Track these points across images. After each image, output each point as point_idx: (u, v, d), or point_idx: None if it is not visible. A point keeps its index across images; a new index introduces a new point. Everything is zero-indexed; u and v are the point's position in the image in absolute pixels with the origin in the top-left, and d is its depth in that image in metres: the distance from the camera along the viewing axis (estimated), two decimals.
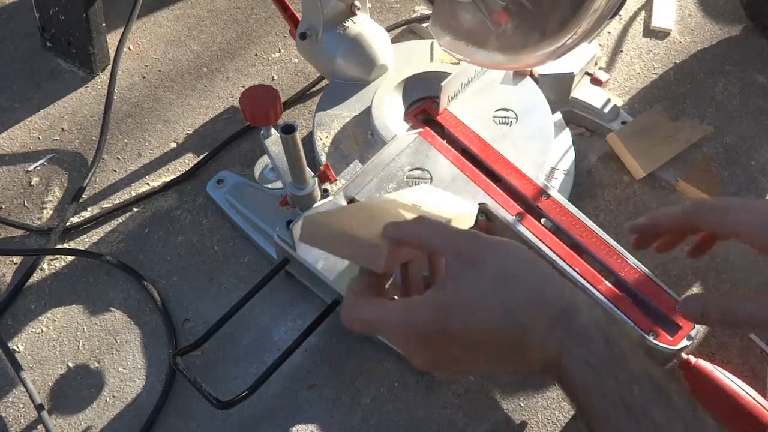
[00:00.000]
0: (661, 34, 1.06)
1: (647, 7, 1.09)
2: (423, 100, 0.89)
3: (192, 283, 0.84)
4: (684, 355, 0.73)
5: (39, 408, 0.74)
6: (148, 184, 0.92)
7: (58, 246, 0.86)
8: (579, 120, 0.95)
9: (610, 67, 1.02)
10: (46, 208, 0.90)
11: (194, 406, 0.75)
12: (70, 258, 0.86)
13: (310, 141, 0.88)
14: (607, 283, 0.74)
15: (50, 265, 0.85)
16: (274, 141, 0.77)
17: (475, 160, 0.83)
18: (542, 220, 0.79)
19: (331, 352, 0.78)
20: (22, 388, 0.76)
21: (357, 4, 0.87)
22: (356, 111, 0.88)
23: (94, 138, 0.96)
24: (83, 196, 0.90)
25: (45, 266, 0.85)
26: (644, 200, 0.89)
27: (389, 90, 0.88)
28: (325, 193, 0.77)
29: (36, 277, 0.84)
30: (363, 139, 0.86)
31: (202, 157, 0.93)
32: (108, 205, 0.90)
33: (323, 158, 0.84)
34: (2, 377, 0.78)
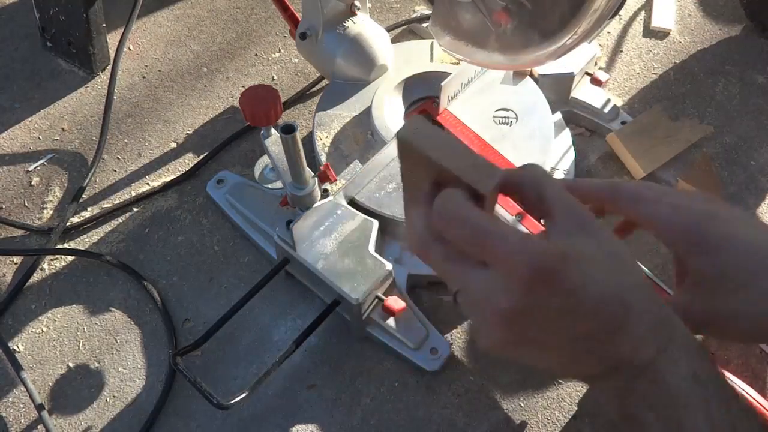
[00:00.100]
0: (661, 34, 1.06)
1: (647, 7, 1.09)
2: (423, 100, 0.89)
3: (192, 283, 0.84)
4: None
5: (39, 408, 0.74)
6: (148, 184, 0.92)
7: (58, 246, 0.86)
8: (579, 120, 0.95)
9: (610, 67, 1.02)
10: (46, 208, 0.90)
11: (194, 406, 0.75)
12: (70, 258, 0.86)
13: (310, 141, 0.88)
14: None
15: (50, 265, 0.85)
16: (274, 141, 0.78)
17: None
18: (542, 220, 0.78)
19: (331, 352, 0.78)
20: (22, 388, 0.76)
21: (357, 4, 0.87)
22: (356, 111, 0.88)
23: (94, 138, 0.96)
24: (83, 196, 0.90)
25: (45, 266, 0.85)
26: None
27: (389, 90, 0.88)
28: (325, 193, 0.77)
29: (36, 277, 0.84)
30: (363, 139, 0.86)
31: (202, 157, 0.93)
32: (108, 205, 0.90)
33: (323, 158, 0.84)
34: (2, 377, 0.78)
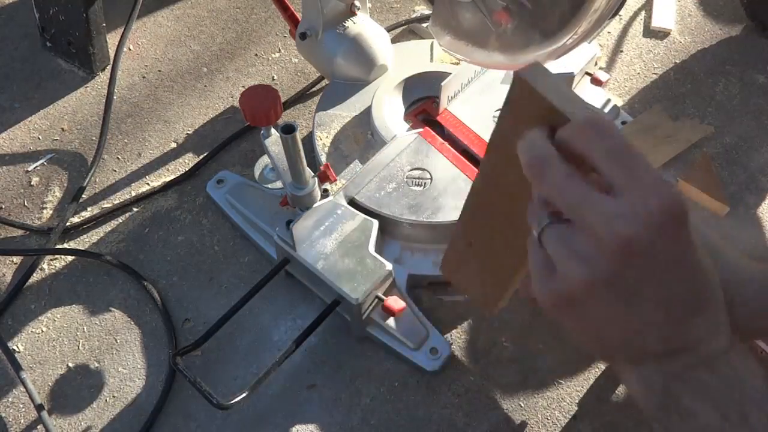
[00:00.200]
0: (661, 34, 1.06)
1: (647, 7, 1.09)
2: (423, 100, 0.89)
3: (192, 283, 0.84)
4: None
5: (39, 408, 0.74)
6: (148, 184, 0.92)
7: (58, 246, 0.86)
8: None
9: (610, 67, 1.02)
10: (46, 208, 0.90)
11: (194, 406, 0.75)
12: (70, 258, 0.86)
13: (310, 141, 0.88)
14: None
15: (50, 265, 0.85)
16: (274, 141, 0.78)
17: (475, 160, 0.83)
18: None
19: (331, 352, 0.78)
20: (22, 388, 0.76)
21: (357, 4, 0.87)
22: (356, 111, 0.88)
23: (94, 138, 0.96)
24: (83, 196, 0.90)
25: (45, 266, 0.85)
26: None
27: (389, 90, 0.88)
28: (325, 193, 0.77)
29: (36, 277, 0.84)
30: (363, 139, 0.86)
31: (202, 157, 0.93)
32: (108, 205, 0.90)
33: (323, 158, 0.84)
34: (2, 377, 0.78)
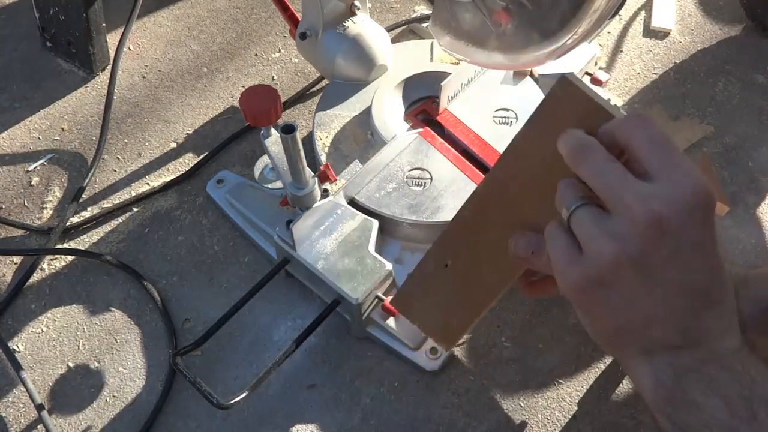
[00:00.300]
0: (661, 34, 1.06)
1: (647, 7, 1.09)
2: (423, 100, 0.89)
3: (192, 283, 0.84)
4: None
5: (39, 408, 0.74)
6: (148, 184, 0.92)
7: (58, 246, 0.86)
8: None
9: (610, 67, 1.02)
10: (46, 208, 0.90)
11: (194, 406, 0.75)
12: (70, 258, 0.86)
13: (310, 141, 0.88)
14: None
15: (50, 265, 0.85)
16: (274, 141, 0.78)
17: (475, 160, 0.83)
18: None
19: (331, 352, 0.78)
20: (22, 388, 0.76)
21: (357, 4, 0.87)
22: (356, 111, 0.88)
23: (94, 138, 0.96)
24: (83, 196, 0.90)
25: (45, 266, 0.85)
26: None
27: (389, 90, 0.88)
28: (325, 193, 0.77)
29: (36, 277, 0.84)
30: (363, 139, 0.86)
31: (202, 157, 0.93)
32: (108, 205, 0.90)
33: (323, 158, 0.84)
34: (2, 377, 0.78)
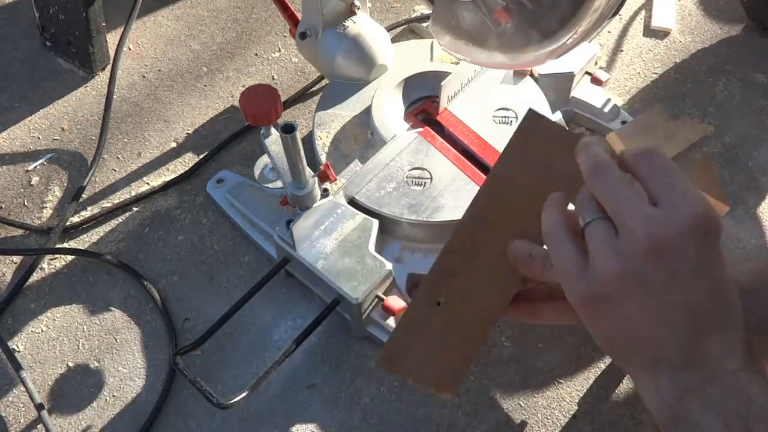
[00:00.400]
0: (662, 34, 1.06)
1: (647, 6, 1.09)
2: (423, 99, 0.89)
3: (192, 283, 0.84)
4: None
5: (39, 407, 0.74)
6: (148, 183, 0.92)
7: (58, 246, 0.86)
8: (579, 120, 0.95)
9: (610, 67, 1.02)
10: (46, 207, 0.90)
11: (194, 406, 0.75)
12: (70, 258, 0.86)
13: (310, 141, 0.88)
14: None
15: (50, 264, 0.85)
16: (274, 140, 0.78)
17: (475, 160, 0.83)
18: None
19: (331, 352, 0.78)
20: (22, 388, 0.76)
21: (357, 3, 0.87)
22: (356, 111, 0.88)
23: (94, 137, 0.96)
24: (83, 195, 0.90)
25: (45, 266, 0.85)
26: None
27: (389, 89, 0.88)
28: (325, 193, 0.77)
29: (36, 276, 0.84)
30: (363, 138, 0.86)
31: (202, 156, 0.93)
32: (108, 205, 0.90)
33: (323, 158, 0.84)
34: (2, 377, 0.78)
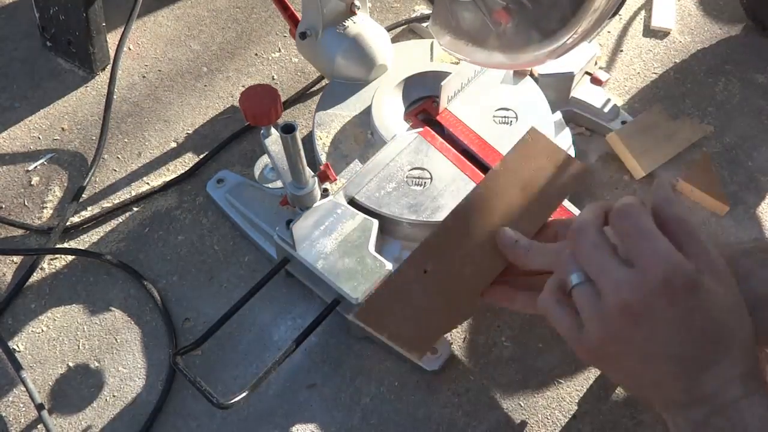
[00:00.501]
0: (661, 34, 1.06)
1: (647, 6, 1.09)
2: (423, 99, 0.89)
3: (192, 283, 0.84)
4: None
5: (39, 407, 0.74)
6: (148, 183, 0.92)
7: (58, 245, 0.86)
8: (579, 119, 0.95)
9: (610, 67, 1.02)
10: (46, 207, 0.90)
11: (194, 406, 0.75)
12: (70, 258, 0.86)
13: (310, 141, 0.88)
14: None
15: (50, 264, 0.85)
16: (274, 140, 0.77)
17: (475, 160, 0.83)
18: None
19: (331, 352, 0.78)
20: (22, 388, 0.76)
21: (357, 3, 0.87)
22: (356, 111, 0.88)
23: (94, 137, 0.96)
24: (83, 195, 0.90)
25: (45, 266, 0.85)
26: (644, 200, 0.89)
27: (389, 89, 0.88)
28: (325, 193, 0.77)
29: (36, 276, 0.84)
30: (363, 138, 0.86)
31: (202, 156, 0.93)
32: (108, 205, 0.90)
33: (323, 158, 0.84)
34: (2, 377, 0.78)
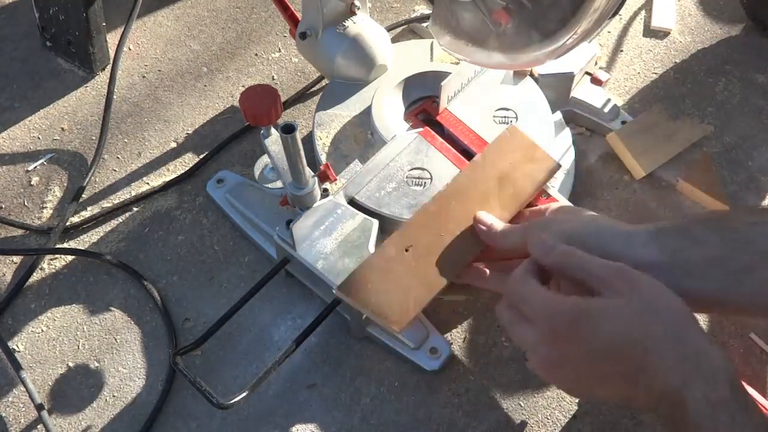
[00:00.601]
0: (661, 34, 1.06)
1: (647, 6, 1.09)
2: (423, 99, 0.89)
3: (192, 283, 0.84)
4: None
5: (39, 407, 0.74)
6: (148, 183, 0.92)
7: (58, 246, 0.86)
8: (579, 119, 0.95)
9: (610, 67, 1.02)
10: (46, 207, 0.90)
11: (194, 406, 0.75)
12: (70, 258, 0.86)
13: (310, 141, 0.88)
14: None
15: (50, 264, 0.85)
16: (274, 141, 0.77)
17: None
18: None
19: (331, 352, 0.78)
20: (22, 388, 0.76)
21: (357, 3, 0.87)
22: (356, 111, 0.88)
23: (94, 138, 0.96)
24: (83, 195, 0.90)
25: (45, 266, 0.85)
26: (644, 200, 0.89)
27: (389, 90, 0.88)
28: (325, 193, 0.77)
29: (36, 276, 0.84)
30: (363, 138, 0.86)
31: (202, 156, 0.93)
32: (108, 205, 0.90)
33: (323, 158, 0.84)
34: (2, 377, 0.78)
